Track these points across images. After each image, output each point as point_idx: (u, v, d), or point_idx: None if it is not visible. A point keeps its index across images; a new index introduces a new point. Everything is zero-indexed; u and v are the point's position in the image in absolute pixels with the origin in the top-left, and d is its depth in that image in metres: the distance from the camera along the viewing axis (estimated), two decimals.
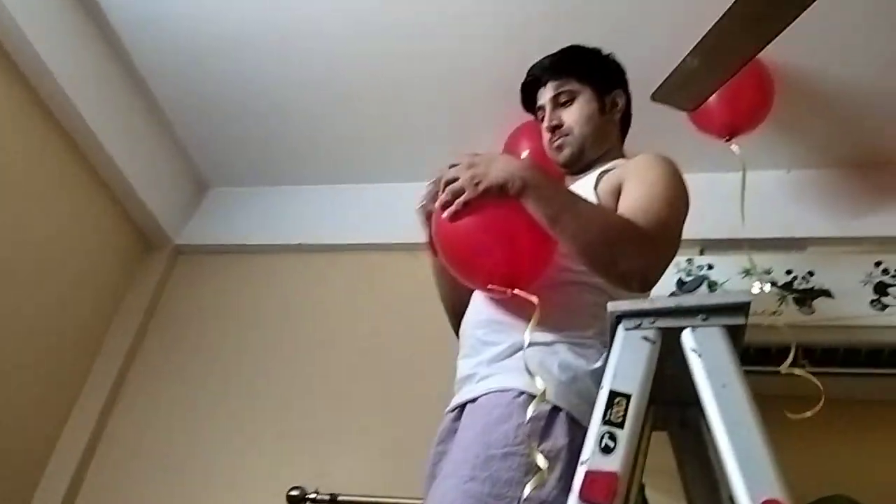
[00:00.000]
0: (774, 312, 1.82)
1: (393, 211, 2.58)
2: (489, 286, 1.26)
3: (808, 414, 1.63)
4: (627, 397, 1.08)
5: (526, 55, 2.17)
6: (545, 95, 1.63)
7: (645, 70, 1.68)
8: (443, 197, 1.27)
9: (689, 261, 1.96)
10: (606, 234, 1.22)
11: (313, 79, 2.38)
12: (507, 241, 1.27)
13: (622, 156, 1.60)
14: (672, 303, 1.14)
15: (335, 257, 2.57)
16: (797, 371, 1.65)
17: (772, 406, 1.77)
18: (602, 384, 1.10)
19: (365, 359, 2.33)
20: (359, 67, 2.34)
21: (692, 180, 2.23)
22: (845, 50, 2.01)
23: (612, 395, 1.08)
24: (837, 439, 1.85)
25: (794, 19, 1.45)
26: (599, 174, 1.45)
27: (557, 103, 1.60)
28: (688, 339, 1.13)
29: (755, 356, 1.83)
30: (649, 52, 2.01)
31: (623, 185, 1.37)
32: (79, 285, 2.46)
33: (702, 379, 1.08)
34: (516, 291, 1.24)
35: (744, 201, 1.98)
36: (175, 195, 2.76)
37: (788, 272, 1.88)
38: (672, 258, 1.29)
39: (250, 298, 2.60)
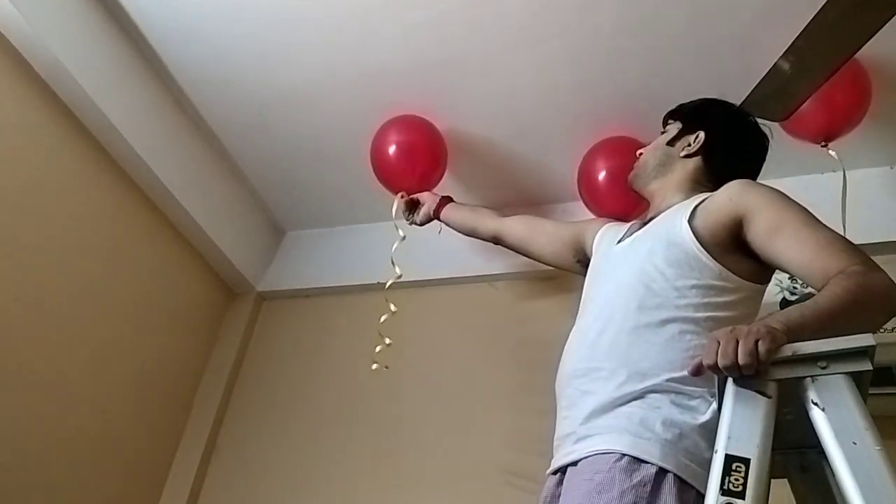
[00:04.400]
0: (893, 329, 1.67)
1: (464, 244, 2.56)
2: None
3: None
4: (746, 462, 0.99)
5: (589, 80, 2.12)
6: None
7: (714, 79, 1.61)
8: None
9: (792, 278, 1.83)
10: (859, 306, 1.13)
11: (376, 121, 2.35)
12: None
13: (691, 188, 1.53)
14: (788, 351, 1.05)
15: (416, 293, 2.54)
16: None
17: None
18: (716, 447, 1.01)
19: (456, 399, 2.28)
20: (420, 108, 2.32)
21: (788, 184, 2.12)
22: None
23: (729, 459, 0.99)
24: None
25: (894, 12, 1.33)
26: (694, 208, 1.37)
27: None
28: (807, 390, 1.03)
29: (874, 377, 1.69)
30: (720, 61, 1.93)
31: (753, 224, 1.28)
32: (169, 341, 2.52)
33: (828, 436, 0.99)
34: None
35: (845, 206, 1.85)
36: (253, 243, 2.79)
37: None
38: None
39: (336, 340, 2.60)
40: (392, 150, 2.26)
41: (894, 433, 1.68)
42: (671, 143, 1.59)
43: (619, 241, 1.52)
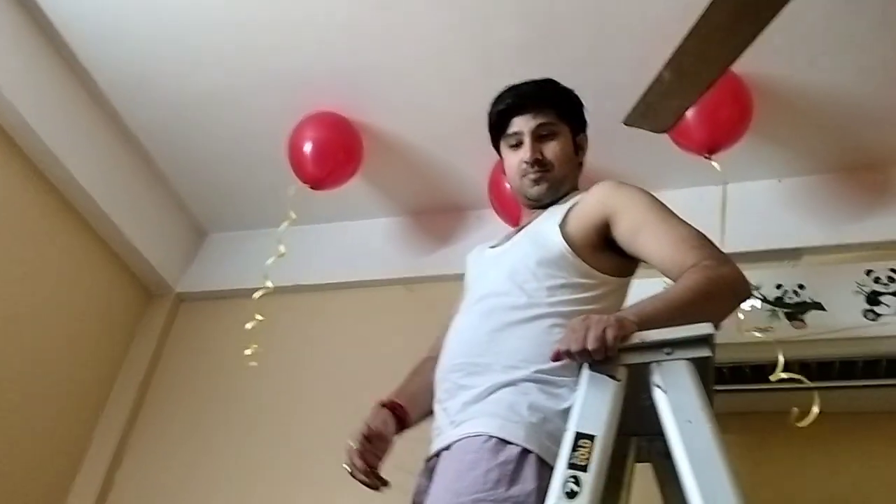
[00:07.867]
0: (766, 329, 1.78)
1: (384, 246, 2.62)
2: None
3: (810, 419, 1.61)
4: (592, 438, 1.07)
5: (496, 90, 2.20)
6: (524, 124, 1.56)
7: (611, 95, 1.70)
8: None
9: None
10: (707, 297, 1.21)
11: (294, 124, 2.38)
12: None
13: (576, 190, 1.59)
14: (636, 339, 1.14)
15: (331, 296, 2.59)
16: (785, 375, 1.64)
17: (772, 422, 1.77)
18: (567, 426, 1.09)
19: (364, 401, 2.32)
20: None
21: (675, 196, 2.23)
22: (820, 56, 1.98)
23: (577, 436, 1.07)
24: (839, 452, 1.83)
25: (765, 25, 1.43)
26: (566, 212, 1.45)
27: (537, 136, 1.55)
28: (653, 374, 1.12)
29: (751, 374, 1.81)
30: (617, 77, 2.04)
31: (618, 224, 1.38)
32: (83, 340, 2.50)
33: (667, 415, 1.07)
34: None
35: (724, 215, 1.96)
36: (173, 244, 2.80)
37: (778, 286, 1.85)
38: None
39: (252, 342, 2.60)
40: (308, 145, 2.30)
41: (744, 428, 1.82)
42: (575, 152, 1.60)
43: (493, 246, 1.59)
